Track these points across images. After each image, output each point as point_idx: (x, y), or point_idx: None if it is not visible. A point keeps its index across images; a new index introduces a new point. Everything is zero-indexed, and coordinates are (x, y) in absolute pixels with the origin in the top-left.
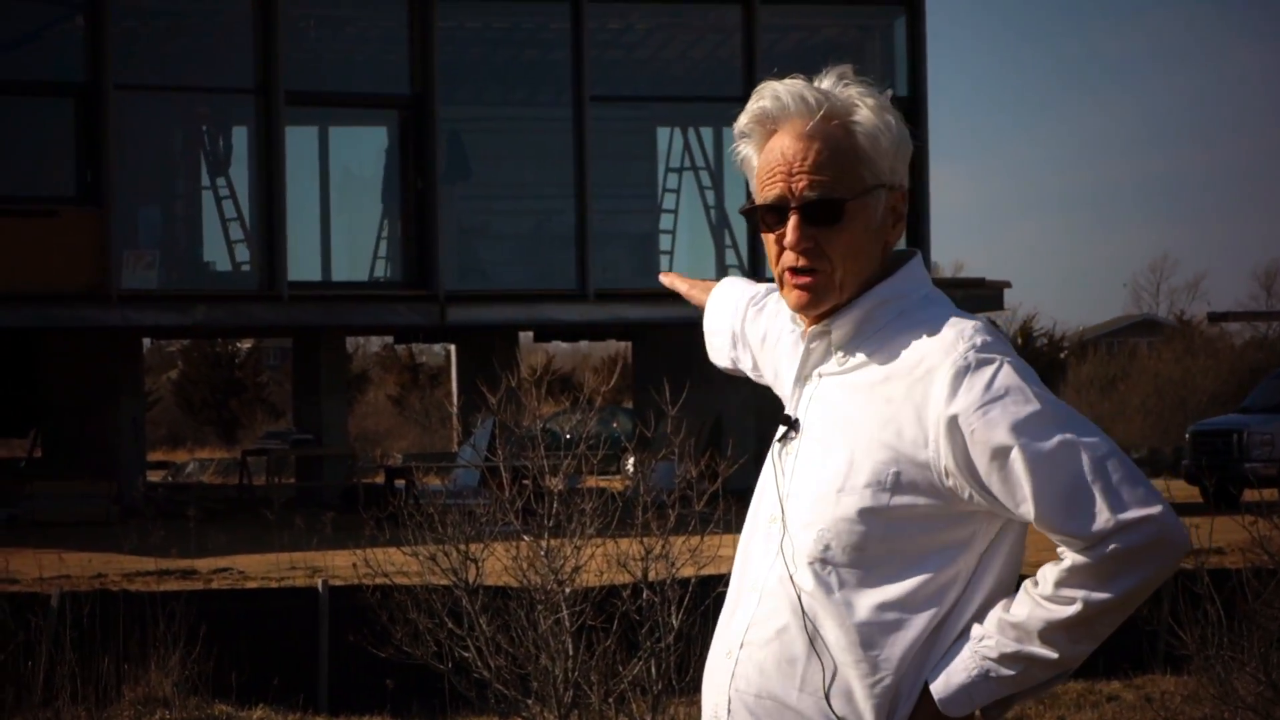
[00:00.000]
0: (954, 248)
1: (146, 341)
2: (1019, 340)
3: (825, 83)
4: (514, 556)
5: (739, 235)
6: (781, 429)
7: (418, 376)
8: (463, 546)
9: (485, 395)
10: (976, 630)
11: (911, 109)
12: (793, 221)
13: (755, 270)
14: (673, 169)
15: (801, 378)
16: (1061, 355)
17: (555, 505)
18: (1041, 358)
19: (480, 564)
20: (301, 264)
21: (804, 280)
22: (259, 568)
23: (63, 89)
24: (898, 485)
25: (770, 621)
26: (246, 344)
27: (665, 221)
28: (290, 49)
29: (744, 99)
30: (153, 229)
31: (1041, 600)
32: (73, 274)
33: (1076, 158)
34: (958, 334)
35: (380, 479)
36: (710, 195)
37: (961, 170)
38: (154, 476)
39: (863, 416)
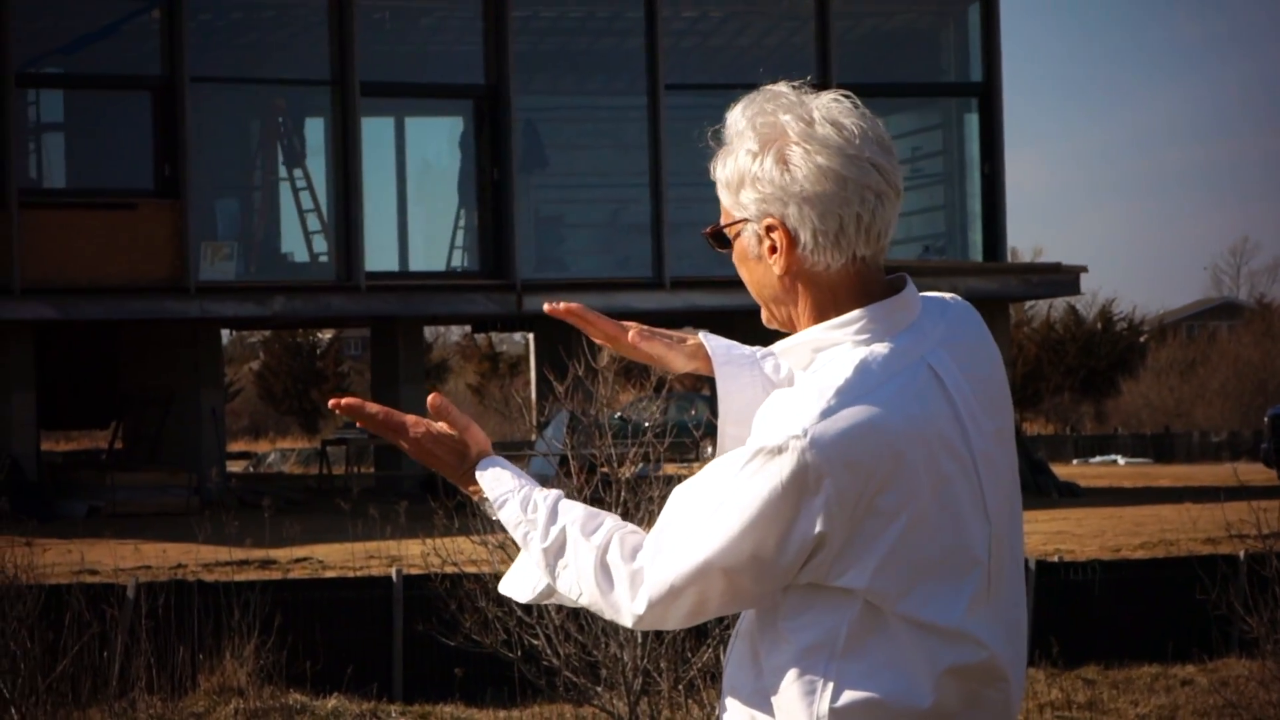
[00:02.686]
0: (1033, 233)
1: (227, 333)
2: (1099, 325)
3: (754, 103)
4: None
5: None
6: None
7: (497, 365)
8: None
9: (569, 382)
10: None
11: (985, 95)
12: None
13: None
14: None
15: None
16: (1141, 339)
17: (622, 493)
18: (1120, 342)
19: None
20: (379, 254)
21: None
22: (338, 557)
23: (140, 82)
24: None
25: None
26: (327, 334)
27: None
28: (366, 40)
29: (819, 86)
30: (230, 221)
31: (598, 546)
32: (151, 266)
33: (1156, 141)
34: (789, 411)
35: None
36: None
37: (1040, 156)
38: (235, 467)
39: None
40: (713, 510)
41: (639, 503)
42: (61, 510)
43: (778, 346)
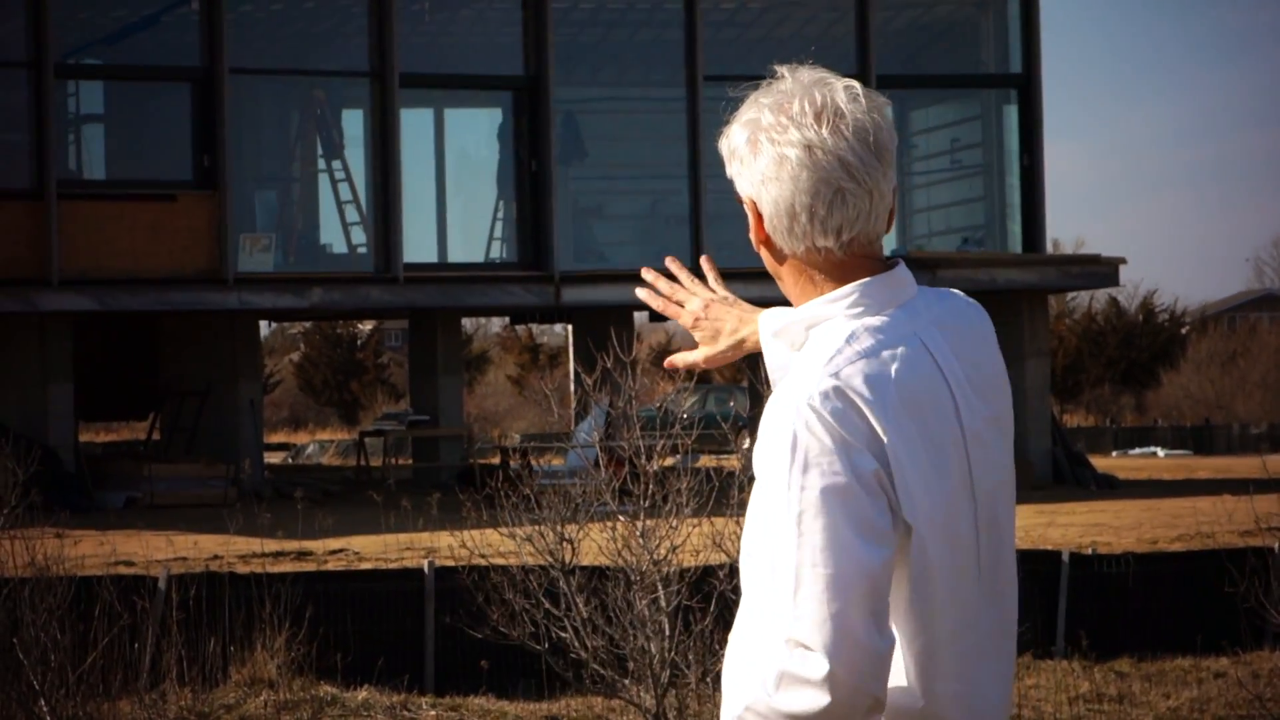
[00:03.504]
0: (1075, 224)
1: (265, 325)
2: (1140, 317)
3: (767, 85)
4: (610, 537)
5: None
6: None
7: (537, 357)
8: (559, 527)
9: (597, 375)
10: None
11: (1025, 86)
12: None
13: None
14: None
15: None
16: (1182, 331)
17: (650, 486)
18: (1162, 333)
19: (576, 545)
20: (418, 246)
21: None
22: (375, 549)
23: (179, 74)
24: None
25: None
26: (367, 326)
27: None
28: (405, 32)
29: (859, 77)
30: (269, 212)
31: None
32: (190, 257)
33: (1200, 132)
34: (794, 390)
35: (497, 459)
36: None
37: (1084, 147)
38: (274, 458)
39: (760, 429)
40: (799, 532)
41: (666, 495)
42: (99, 501)
43: (772, 329)
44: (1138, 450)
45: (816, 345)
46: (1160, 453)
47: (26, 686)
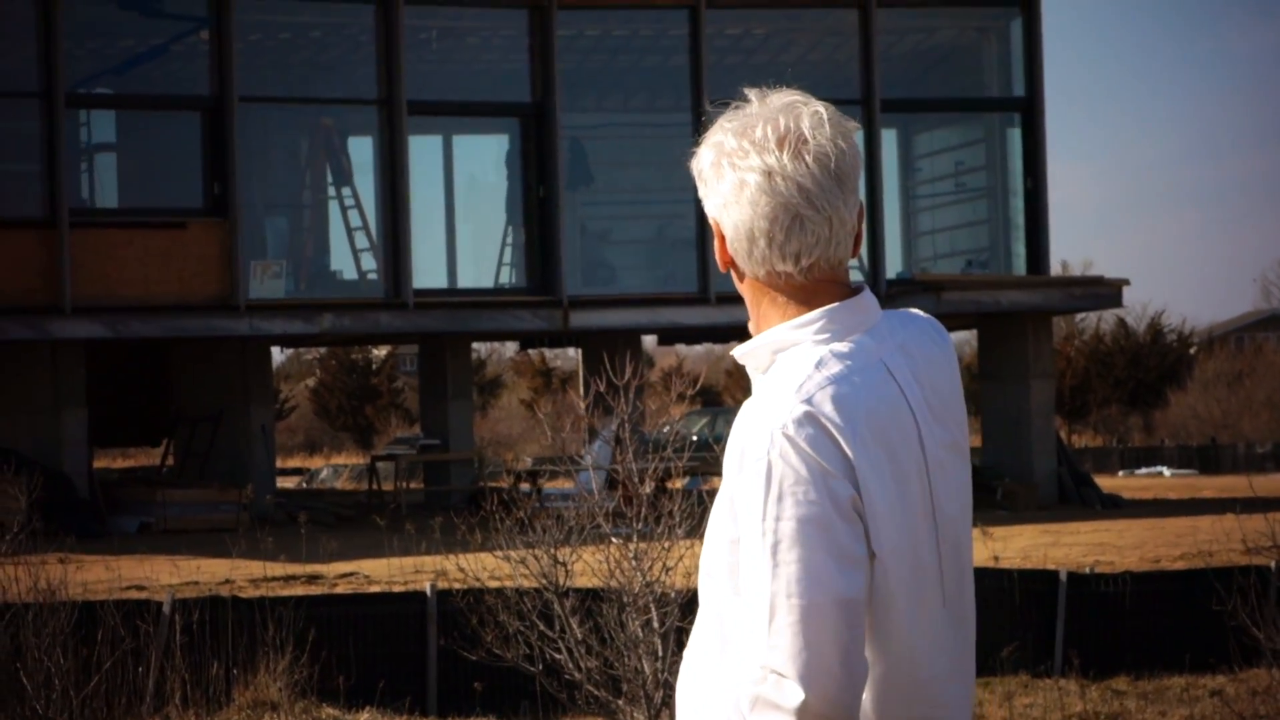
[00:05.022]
0: (1083, 246)
1: (278, 351)
2: (1147, 338)
3: (734, 110)
4: (604, 559)
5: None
6: None
7: (550, 381)
8: (552, 550)
9: (590, 400)
10: None
11: (1028, 109)
12: None
13: (875, 269)
14: None
15: None
16: (1190, 351)
17: (644, 508)
18: (1170, 354)
19: (570, 567)
20: (427, 271)
21: None
22: (385, 572)
23: (189, 103)
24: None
25: (699, 614)
26: (382, 351)
27: None
28: (413, 59)
29: (862, 102)
30: (279, 239)
31: None
32: (201, 284)
33: (1204, 153)
34: (766, 416)
35: (507, 482)
36: None
37: (1091, 169)
38: (288, 483)
39: (727, 453)
40: (775, 561)
41: (659, 516)
42: (113, 527)
43: (738, 352)
44: (1144, 470)
45: (785, 370)
46: (1166, 472)
47: (30, 711)
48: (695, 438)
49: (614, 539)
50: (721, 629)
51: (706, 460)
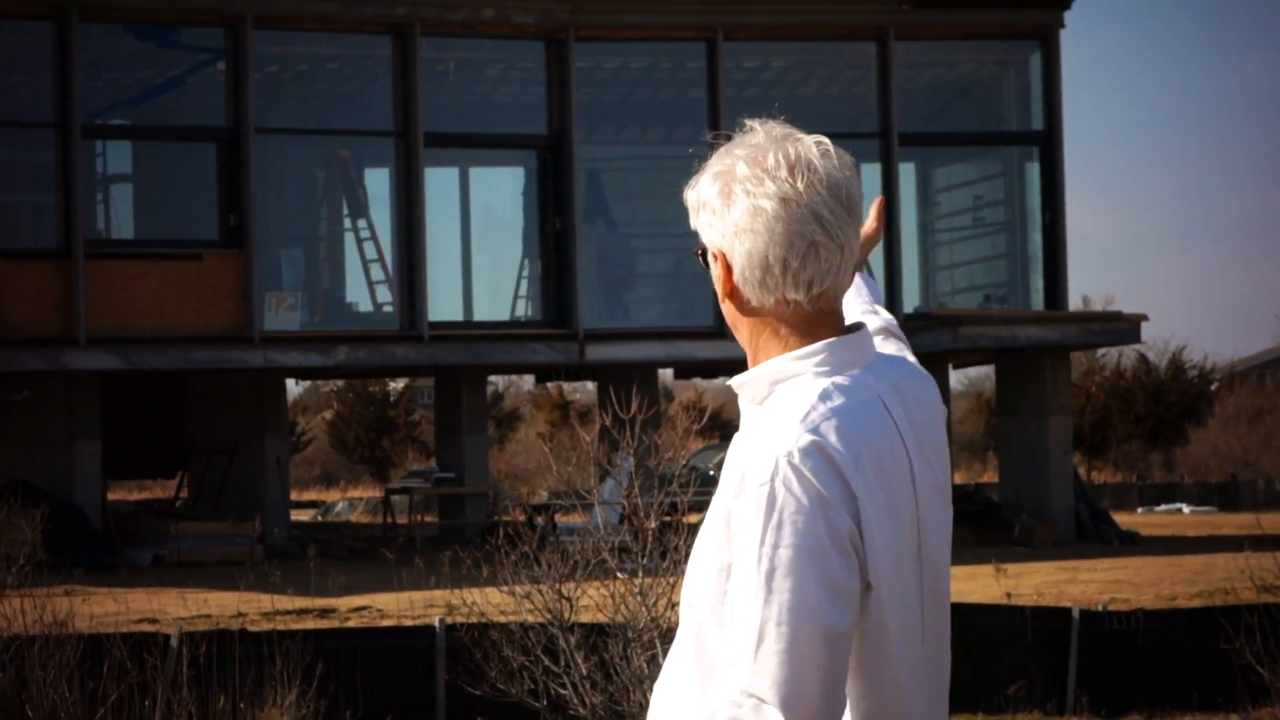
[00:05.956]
0: (1104, 281)
1: (294, 383)
2: (1168, 374)
3: (738, 138)
4: (609, 594)
5: (876, 270)
6: None
7: (567, 414)
8: (557, 585)
9: (584, 435)
10: None
11: (1047, 143)
12: None
13: (892, 304)
14: None
15: None
16: (1212, 387)
17: (649, 543)
18: (1190, 390)
19: (575, 602)
20: (443, 304)
21: None
22: (398, 606)
23: (205, 134)
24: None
25: (674, 645)
26: (399, 384)
27: None
28: (430, 91)
29: (880, 135)
30: (295, 271)
31: None
32: (216, 316)
33: (1225, 188)
34: (763, 442)
35: (522, 516)
36: None
37: (1113, 203)
38: (304, 516)
39: (723, 479)
40: (768, 589)
41: (664, 551)
42: (127, 559)
43: (735, 381)
44: (1163, 507)
45: (787, 400)
46: (1186, 509)
47: None
48: (712, 472)
49: (619, 574)
50: (701, 662)
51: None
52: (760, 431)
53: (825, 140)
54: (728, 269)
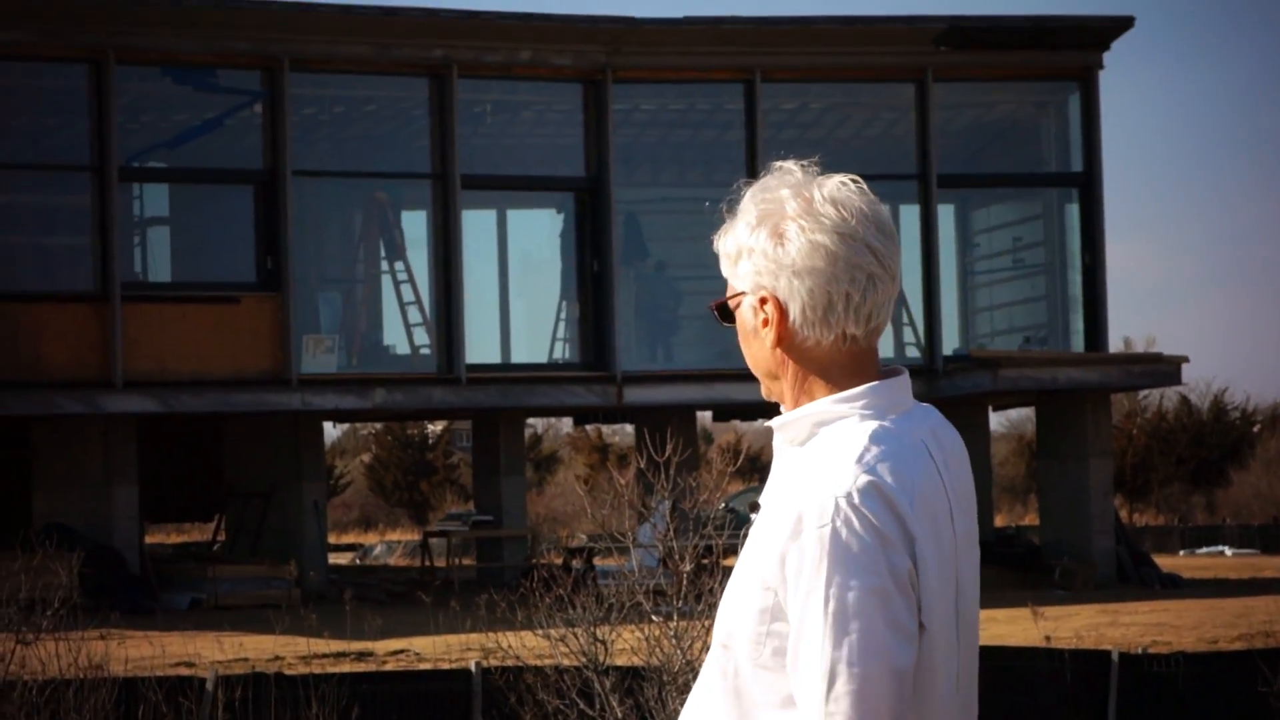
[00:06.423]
0: (1146, 322)
1: (332, 426)
2: (1209, 416)
3: (761, 180)
4: (644, 637)
5: (916, 312)
6: (753, 513)
7: (606, 457)
8: (592, 628)
9: (619, 478)
10: None
11: (1086, 184)
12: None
13: (932, 346)
14: None
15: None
16: (1254, 429)
17: (684, 586)
18: (1233, 432)
19: (610, 645)
20: (480, 346)
21: None
22: (436, 650)
23: (243, 176)
24: (778, 592)
25: (699, 686)
26: (438, 427)
27: None
28: (467, 133)
29: (919, 177)
30: (332, 313)
31: None
32: (253, 359)
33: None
34: (824, 484)
35: (560, 559)
36: None
37: (1154, 244)
38: (342, 559)
39: (765, 521)
40: (837, 630)
41: (699, 594)
42: (164, 603)
43: (777, 422)
44: (1205, 549)
45: (838, 442)
46: (1228, 551)
47: None
48: (753, 516)
49: (654, 617)
50: (738, 701)
51: None
52: (813, 473)
53: (852, 177)
54: (781, 312)
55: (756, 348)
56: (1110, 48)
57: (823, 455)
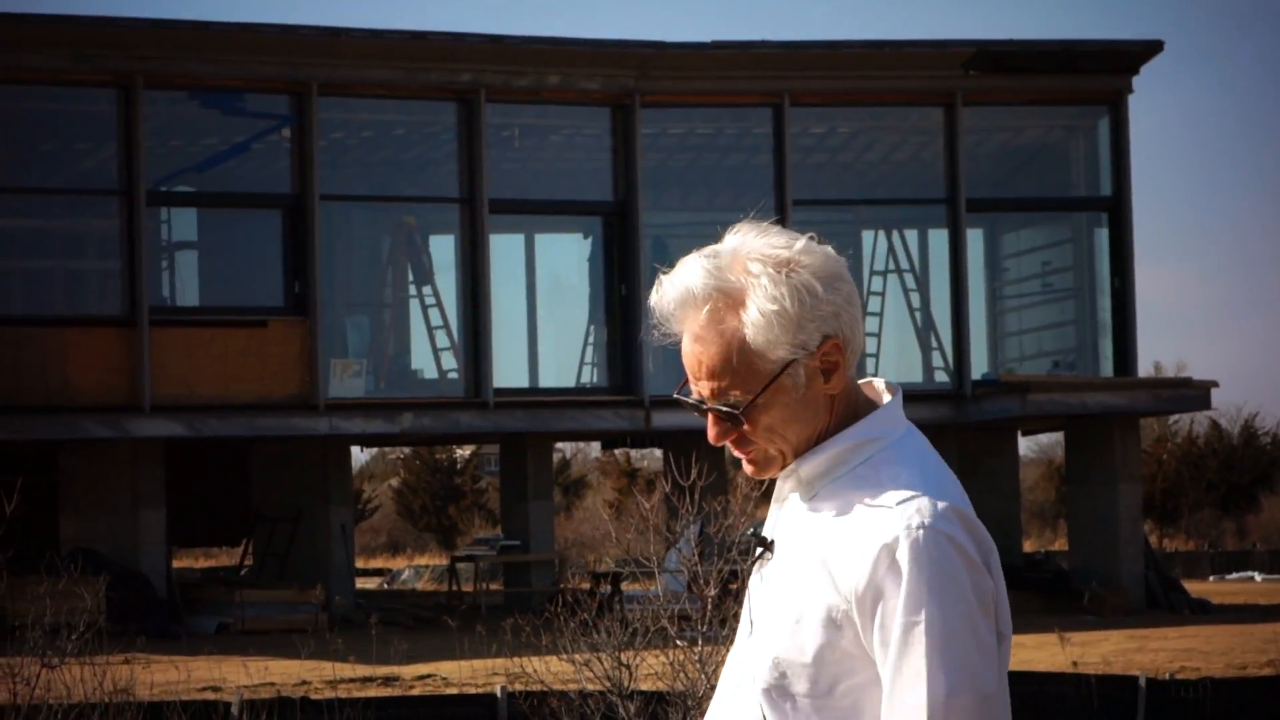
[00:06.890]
0: (1176, 347)
1: (360, 450)
2: (1240, 441)
3: (730, 241)
4: (669, 662)
5: (944, 337)
6: (757, 549)
7: (635, 480)
8: (616, 652)
9: (644, 502)
10: None
11: (1116, 209)
12: (709, 421)
13: (960, 370)
14: (877, 271)
15: (779, 499)
16: None
17: (709, 610)
18: (1264, 456)
19: (634, 670)
20: (508, 371)
21: (746, 456)
22: (463, 674)
23: (271, 201)
24: (846, 623)
25: None
26: (466, 451)
27: (870, 324)
28: (495, 158)
29: (948, 201)
30: (360, 337)
31: None
32: (281, 383)
33: None
34: (903, 510)
35: (588, 584)
36: (915, 297)
37: (1183, 269)
38: (370, 584)
39: (823, 552)
40: (937, 661)
41: (724, 619)
42: (191, 627)
43: (814, 472)
44: (1235, 575)
45: (893, 468)
46: (1258, 577)
47: None
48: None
49: (679, 642)
50: None
51: None
52: (883, 501)
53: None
54: (841, 350)
55: (801, 405)
56: (1139, 72)
57: (884, 483)
